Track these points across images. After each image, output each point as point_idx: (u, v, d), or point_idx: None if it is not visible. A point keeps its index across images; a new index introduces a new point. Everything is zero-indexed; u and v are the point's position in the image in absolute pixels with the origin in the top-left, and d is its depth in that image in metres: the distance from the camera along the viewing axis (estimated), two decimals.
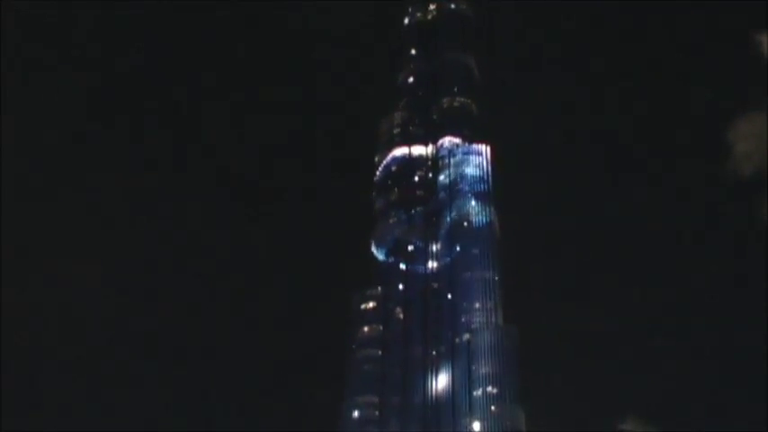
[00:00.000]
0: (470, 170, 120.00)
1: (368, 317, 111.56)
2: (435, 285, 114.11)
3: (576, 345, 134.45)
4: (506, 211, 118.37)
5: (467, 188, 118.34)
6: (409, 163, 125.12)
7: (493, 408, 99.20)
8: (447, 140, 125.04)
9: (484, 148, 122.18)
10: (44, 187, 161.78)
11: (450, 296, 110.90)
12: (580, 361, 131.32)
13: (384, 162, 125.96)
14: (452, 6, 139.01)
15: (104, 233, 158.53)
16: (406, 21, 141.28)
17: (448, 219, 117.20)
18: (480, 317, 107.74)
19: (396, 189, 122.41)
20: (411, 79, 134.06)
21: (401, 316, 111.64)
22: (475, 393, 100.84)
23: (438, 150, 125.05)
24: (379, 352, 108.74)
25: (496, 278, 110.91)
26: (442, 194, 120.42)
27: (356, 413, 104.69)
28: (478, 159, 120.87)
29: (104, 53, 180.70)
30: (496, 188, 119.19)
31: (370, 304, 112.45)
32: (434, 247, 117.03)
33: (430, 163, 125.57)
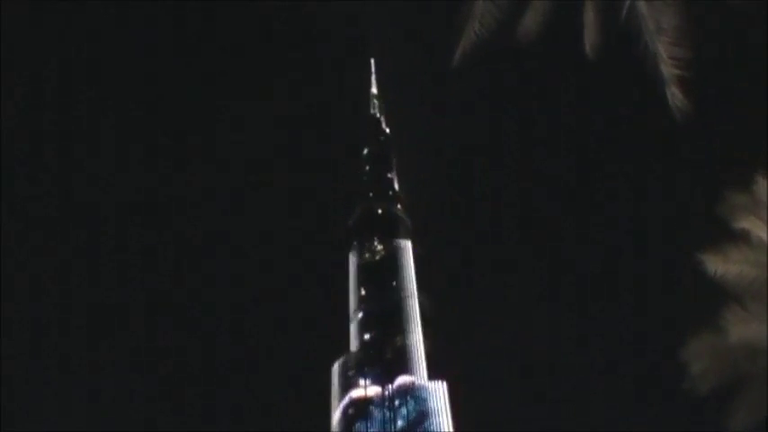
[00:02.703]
0: (428, 408, 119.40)
1: None
2: None
3: None
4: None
5: (426, 426, 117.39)
6: (366, 404, 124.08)
7: None
8: (402, 379, 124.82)
9: (440, 385, 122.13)
10: (44, 187, 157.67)
11: None
12: None
13: (341, 406, 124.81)
14: (399, 246, 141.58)
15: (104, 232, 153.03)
16: (354, 261, 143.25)
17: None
18: None
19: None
20: (363, 320, 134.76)
21: None
22: None
23: (394, 390, 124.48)
24: None
25: None
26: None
27: None
28: (435, 397, 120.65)
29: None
30: (454, 424, 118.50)
31: None
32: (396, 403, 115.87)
33: (387, 404, 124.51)
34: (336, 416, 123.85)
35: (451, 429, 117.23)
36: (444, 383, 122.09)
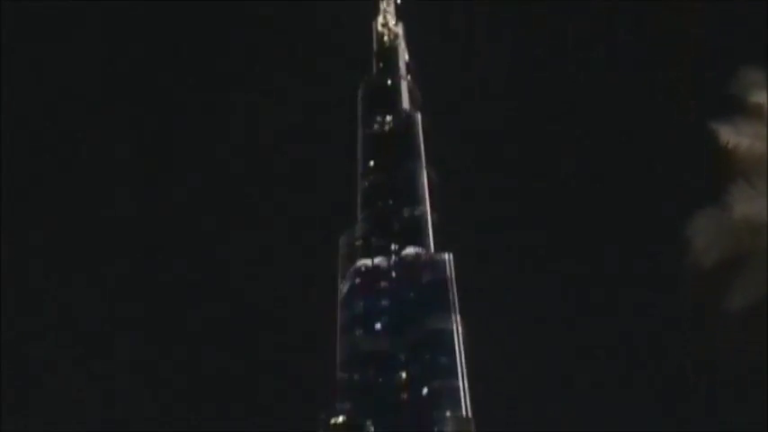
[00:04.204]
0: (433, 280, 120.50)
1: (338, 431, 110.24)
2: (405, 396, 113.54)
3: None
4: (471, 319, 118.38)
5: (430, 298, 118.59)
6: (372, 275, 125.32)
7: None
8: (409, 250, 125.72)
9: (446, 258, 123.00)
10: (43, 186, 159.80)
11: (418, 404, 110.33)
12: None
13: (347, 275, 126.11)
14: (409, 116, 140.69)
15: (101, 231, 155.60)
16: (363, 133, 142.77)
17: (414, 329, 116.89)
18: (452, 426, 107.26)
19: (360, 302, 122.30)
20: (370, 191, 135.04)
21: (372, 429, 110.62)
22: None
23: (400, 261, 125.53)
24: None
25: (465, 386, 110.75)
26: (406, 305, 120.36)
27: None
28: (441, 269, 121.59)
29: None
30: (460, 296, 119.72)
31: (340, 418, 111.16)
32: (401, 358, 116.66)
33: (393, 274, 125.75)
34: (343, 287, 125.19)
35: (457, 302, 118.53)
36: (451, 255, 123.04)
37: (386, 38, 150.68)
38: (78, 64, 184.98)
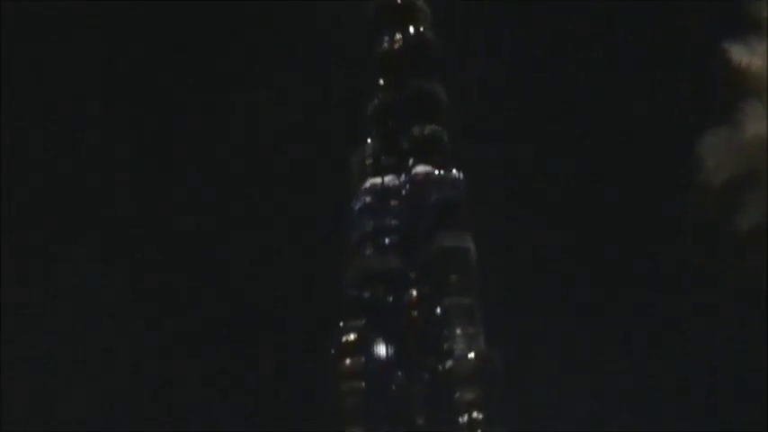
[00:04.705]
0: (444, 198, 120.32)
1: (349, 349, 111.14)
2: (415, 314, 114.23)
3: (561, 366, 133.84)
4: (482, 236, 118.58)
5: (441, 216, 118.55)
6: (383, 193, 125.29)
7: None
8: (420, 169, 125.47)
9: (456, 175, 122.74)
10: (43, 186, 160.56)
11: (430, 324, 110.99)
12: (567, 382, 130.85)
13: (357, 193, 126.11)
14: (419, 34, 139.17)
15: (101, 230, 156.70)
16: (373, 50, 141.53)
17: (425, 247, 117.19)
18: (462, 343, 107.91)
19: (370, 221, 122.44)
20: (380, 109, 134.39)
21: (382, 346, 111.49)
22: (460, 420, 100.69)
23: (411, 179, 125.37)
24: (362, 384, 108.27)
25: (476, 304, 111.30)
26: (417, 223, 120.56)
27: None
28: (452, 186, 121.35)
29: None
30: (471, 214, 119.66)
31: (351, 336, 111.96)
32: (412, 275, 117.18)
33: (404, 192, 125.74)
34: (355, 206, 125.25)
35: (467, 222, 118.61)
36: (462, 174, 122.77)
37: None
38: (78, 64, 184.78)
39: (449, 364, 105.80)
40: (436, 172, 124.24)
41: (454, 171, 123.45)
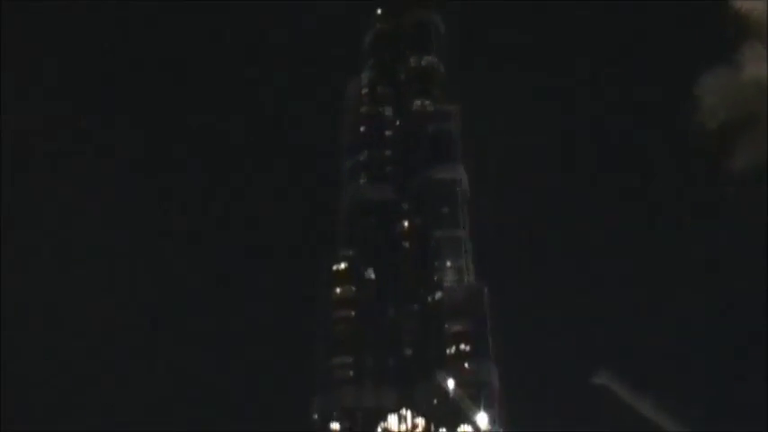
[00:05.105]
0: (438, 130, 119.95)
1: (340, 278, 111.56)
2: (407, 244, 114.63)
3: (547, 301, 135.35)
4: (476, 170, 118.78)
5: (436, 148, 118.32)
6: (378, 123, 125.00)
7: (466, 364, 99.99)
8: (415, 101, 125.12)
9: (451, 107, 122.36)
10: (43, 186, 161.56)
11: (421, 255, 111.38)
12: (552, 317, 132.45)
13: (352, 123, 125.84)
14: None
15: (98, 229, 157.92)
16: None
17: (418, 178, 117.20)
18: (452, 275, 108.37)
19: (365, 150, 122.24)
20: (377, 39, 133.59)
21: (373, 276, 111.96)
22: (448, 351, 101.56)
23: (407, 111, 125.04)
24: (353, 313, 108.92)
25: (467, 237, 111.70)
26: (411, 155, 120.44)
27: (331, 374, 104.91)
28: (446, 118, 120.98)
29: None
30: (465, 148, 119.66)
31: (342, 265, 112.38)
32: (404, 206, 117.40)
33: (399, 123, 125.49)
34: (349, 136, 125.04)
35: (461, 154, 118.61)
36: (456, 106, 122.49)
37: None
38: (77, 64, 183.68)
39: (438, 295, 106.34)
40: (431, 104, 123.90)
41: (450, 104, 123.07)
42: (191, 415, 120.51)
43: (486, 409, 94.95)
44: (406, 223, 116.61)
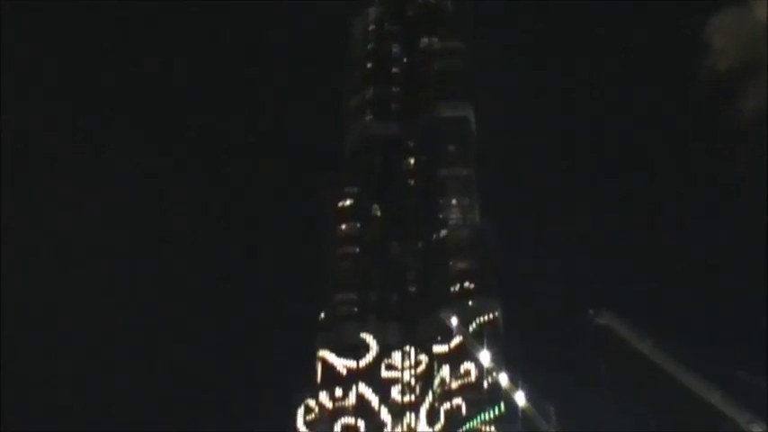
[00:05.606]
0: (446, 68, 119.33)
1: (345, 214, 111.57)
2: (412, 182, 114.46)
3: (551, 240, 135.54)
4: (483, 108, 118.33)
5: (443, 86, 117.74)
6: (384, 60, 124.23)
7: (470, 302, 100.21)
8: (422, 39, 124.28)
9: (459, 45, 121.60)
10: (43, 186, 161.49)
11: (426, 192, 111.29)
12: (556, 256, 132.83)
13: (358, 59, 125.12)
14: None
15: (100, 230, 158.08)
16: None
17: (424, 116, 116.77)
18: (457, 213, 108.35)
19: (371, 86, 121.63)
20: None
21: (378, 213, 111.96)
22: (452, 289, 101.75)
23: (414, 48, 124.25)
24: (357, 249, 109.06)
25: (473, 175, 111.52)
26: (418, 91, 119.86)
27: (335, 310, 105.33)
28: (454, 56, 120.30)
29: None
30: (472, 85, 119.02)
31: (347, 202, 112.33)
32: (410, 144, 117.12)
33: (405, 60, 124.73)
34: (356, 72, 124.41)
35: (468, 92, 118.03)
36: (463, 44, 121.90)
37: None
38: (77, 64, 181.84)
39: (443, 233, 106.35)
40: (438, 41, 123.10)
41: (457, 41, 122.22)
42: (191, 415, 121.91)
43: (489, 348, 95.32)
44: (411, 160, 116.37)
